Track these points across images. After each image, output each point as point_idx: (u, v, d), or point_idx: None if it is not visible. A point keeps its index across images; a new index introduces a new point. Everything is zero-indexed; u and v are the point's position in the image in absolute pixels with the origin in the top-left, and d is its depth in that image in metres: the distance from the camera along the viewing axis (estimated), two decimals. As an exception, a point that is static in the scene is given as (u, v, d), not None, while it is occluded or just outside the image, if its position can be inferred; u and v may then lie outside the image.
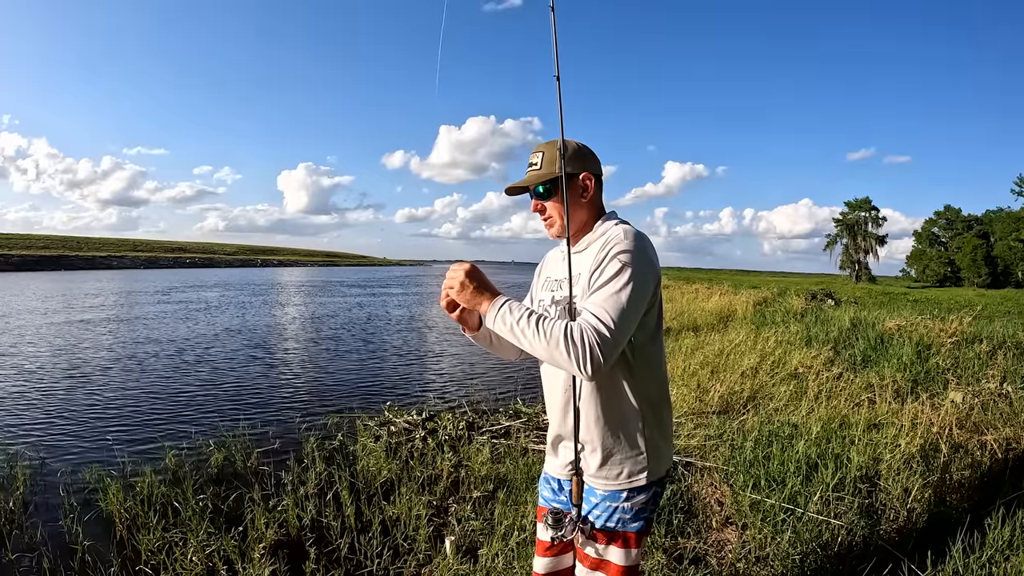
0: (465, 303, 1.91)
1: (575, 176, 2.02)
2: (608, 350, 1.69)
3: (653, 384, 2.00)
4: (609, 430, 1.98)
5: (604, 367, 1.69)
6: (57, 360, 11.32)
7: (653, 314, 1.97)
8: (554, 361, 1.73)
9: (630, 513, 1.99)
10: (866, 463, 4.32)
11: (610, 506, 2.00)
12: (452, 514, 4.25)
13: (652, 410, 2.00)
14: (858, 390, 6.54)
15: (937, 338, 9.26)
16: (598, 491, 2.03)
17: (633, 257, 1.82)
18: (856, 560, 3.24)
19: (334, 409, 7.78)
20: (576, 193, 2.02)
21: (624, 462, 1.99)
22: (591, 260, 1.87)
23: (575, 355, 1.67)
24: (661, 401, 2.04)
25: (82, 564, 3.81)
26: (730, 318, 15.24)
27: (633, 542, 2.01)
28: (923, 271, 76.60)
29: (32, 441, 6.36)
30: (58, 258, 71.41)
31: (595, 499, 2.03)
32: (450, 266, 1.96)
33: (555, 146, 1.99)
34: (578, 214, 2.03)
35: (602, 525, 2.01)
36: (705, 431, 5.47)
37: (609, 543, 2.01)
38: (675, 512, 3.99)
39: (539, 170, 2.02)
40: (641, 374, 1.96)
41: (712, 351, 8.75)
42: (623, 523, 1.99)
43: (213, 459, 5.56)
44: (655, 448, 2.01)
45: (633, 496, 1.99)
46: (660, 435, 2.03)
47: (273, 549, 3.74)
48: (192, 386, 9.34)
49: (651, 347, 1.98)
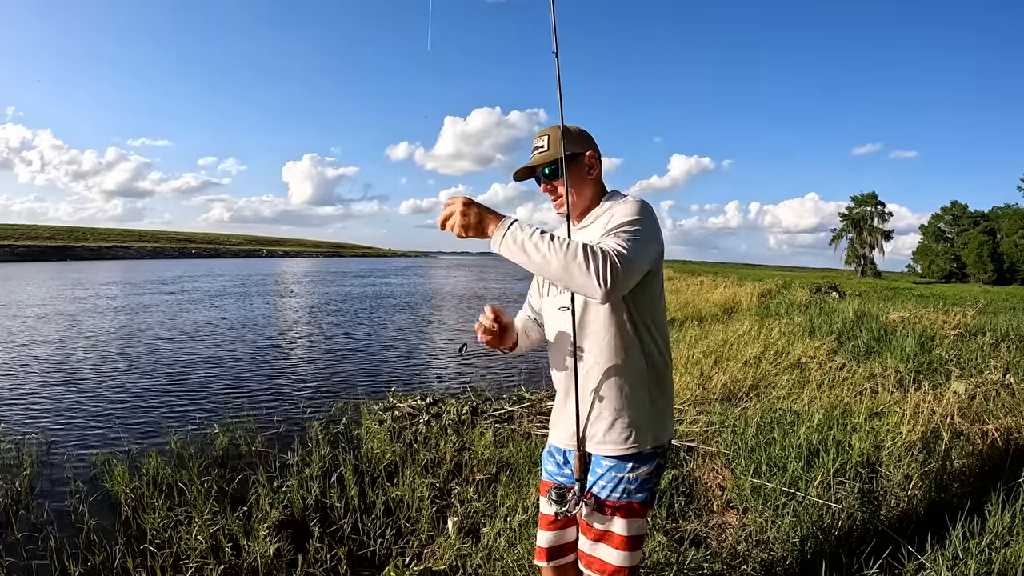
0: (470, 229, 1.79)
1: (581, 155, 2.06)
2: (626, 268, 1.69)
3: (657, 350, 2.04)
4: (616, 393, 2.01)
5: (620, 285, 1.68)
6: (64, 347, 11.38)
7: (657, 281, 2.02)
8: (569, 275, 1.67)
9: (635, 484, 2.02)
10: (867, 450, 4.33)
11: (615, 476, 2.03)
12: (455, 496, 4.28)
13: (656, 376, 2.03)
14: (861, 380, 6.55)
15: (941, 330, 9.26)
16: (604, 460, 2.06)
17: (642, 209, 1.89)
18: (856, 543, 3.25)
19: (338, 395, 7.85)
20: (583, 171, 2.07)
21: (630, 426, 2.01)
22: (600, 227, 1.91)
23: (594, 266, 1.65)
24: (664, 368, 2.07)
25: (88, 542, 3.83)
26: (734, 309, 15.24)
27: (638, 512, 2.04)
28: (929, 267, 76.27)
29: (39, 426, 6.39)
30: (64, 249, 71.56)
31: (600, 470, 2.06)
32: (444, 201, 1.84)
33: (559, 129, 2.04)
34: (585, 191, 2.08)
35: (607, 496, 2.03)
36: (707, 417, 5.49)
37: (614, 514, 2.03)
38: (676, 496, 4.01)
39: (546, 151, 2.05)
40: (646, 337, 2.00)
41: (716, 341, 8.76)
42: (628, 494, 2.02)
43: (218, 442, 5.60)
44: (660, 413, 2.05)
45: (638, 466, 2.02)
46: (664, 402, 2.06)
47: (277, 528, 3.77)
48: (197, 372, 9.39)
49: (655, 310, 2.03)
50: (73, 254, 69.75)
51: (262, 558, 3.43)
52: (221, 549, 3.56)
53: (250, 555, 3.48)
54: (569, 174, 2.03)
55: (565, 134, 2.03)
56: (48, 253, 67.14)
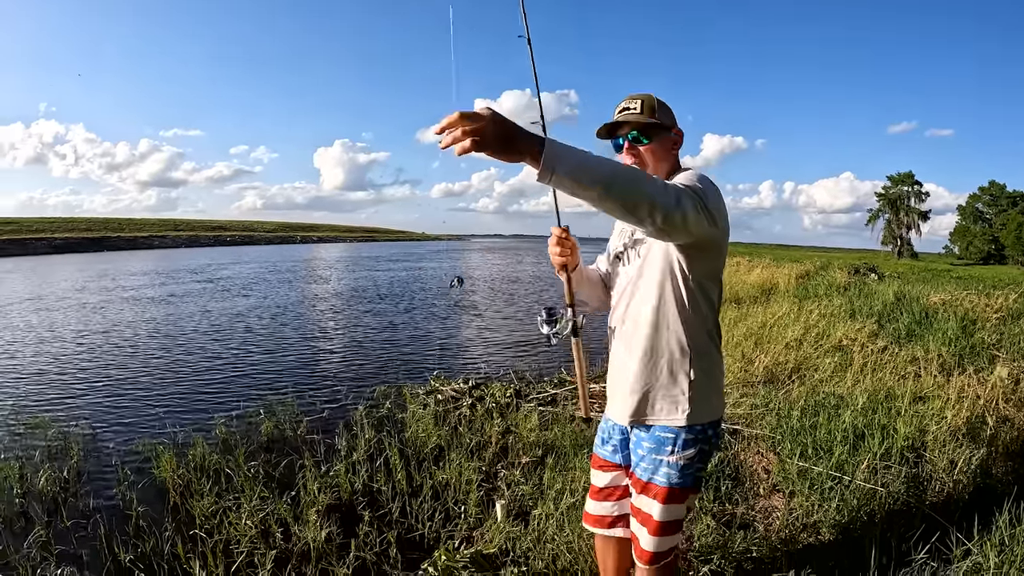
0: (499, 147, 1.42)
1: (670, 128, 2.08)
2: (695, 199, 1.68)
3: (704, 329, 2.04)
4: (657, 366, 2.03)
5: (687, 216, 1.64)
6: (107, 336, 11.54)
7: (718, 257, 2.02)
8: (635, 192, 1.54)
9: (675, 468, 2.03)
10: (912, 434, 4.29)
11: (656, 459, 2.05)
12: (501, 479, 4.32)
13: (699, 355, 2.03)
14: (903, 363, 6.48)
15: (983, 313, 9.13)
16: (644, 443, 2.09)
17: (704, 177, 1.86)
18: (904, 528, 3.24)
19: (380, 379, 7.90)
20: (668, 144, 2.08)
21: (665, 398, 2.04)
22: None
23: (660, 187, 1.60)
24: (711, 348, 2.07)
25: (137, 529, 3.88)
26: (772, 291, 15.13)
27: (677, 498, 2.06)
28: (967, 248, 74.69)
29: (84, 414, 6.48)
30: (100, 239, 72.42)
31: (642, 451, 2.09)
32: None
33: (653, 100, 2.05)
34: (664, 165, 2.07)
35: (648, 479, 2.07)
36: (751, 400, 5.47)
37: (653, 498, 2.06)
38: (723, 479, 4.02)
39: (639, 115, 2.03)
40: (696, 313, 2.00)
41: (755, 323, 8.69)
42: (668, 478, 2.04)
43: (263, 428, 5.68)
44: (701, 393, 2.04)
45: (679, 450, 2.03)
46: (708, 382, 2.06)
47: (326, 512, 3.82)
48: (239, 359, 9.50)
49: (710, 285, 2.03)
50: (109, 245, 70.54)
51: (313, 543, 3.47)
52: (271, 534, 3.61)
53: (300, 540, 3.53)
54: (657, 144, 2.04)
55: (659, 105, 2.05)
56: (84, 244, 67.88)
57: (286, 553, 3.48)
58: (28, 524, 4.02)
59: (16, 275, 29.56)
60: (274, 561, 3.33)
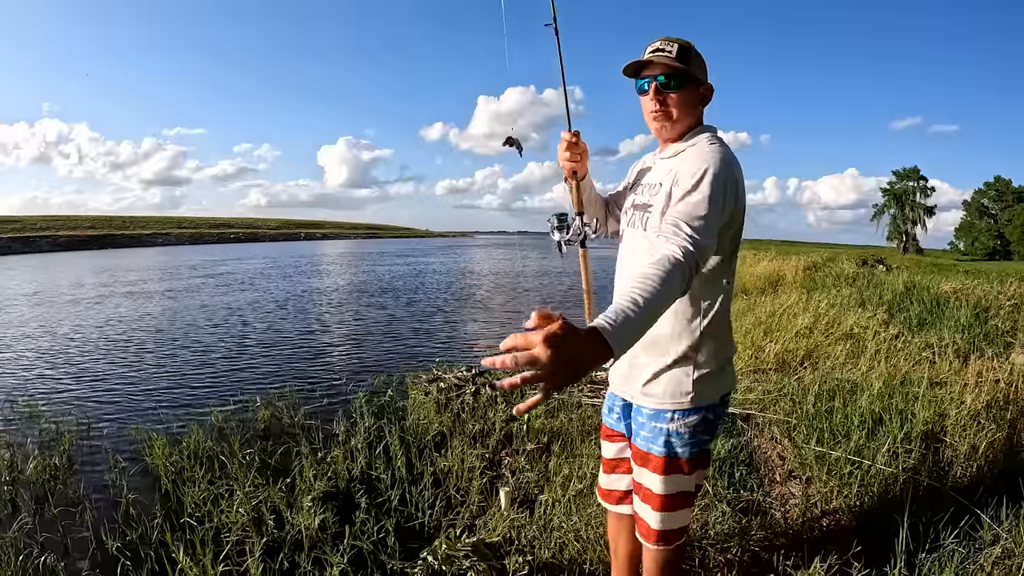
0: (574, 379, 1.16)
1: (703, 82, 1.93)
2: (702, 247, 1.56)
3: (714, 300, 1.90)
4: (662, 344, 1.89)
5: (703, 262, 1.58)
6: (106, 328, 11.53)
7: (731, 235, 1.87)
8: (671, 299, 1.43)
9: (678, 436, 1.90)
10: (932, 418, 4.17)
11: (655, 427, 1.92)
12: (506, 466, 4.18)
13: (707, 332, 1.89)
14: (917, 350, 6.35)
15: (996, 300, 9.02)
16: (644, 410, 1.96)
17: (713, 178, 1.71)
18: (929, 513, 3.11)
19: (381, 368, 7.82)
20: (696, 98, 1.93)
21: (670, 380, 1.90)
22: (684, 171, 1.78)
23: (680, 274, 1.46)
24: (719, 322, 1.93)
25: (126, 516, 3.82)
26: (779, 283, 14.95)
27: (680, 468, 1.93)
28: (972, 244, 74.67)
29: (79, 404, 6.43)
30: (105, 237, 72.65)
31: (642, 419, 1.97)
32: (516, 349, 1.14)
33: (691, 46, 1.89)
34: (689, 120, 1.93)
35: (648, 449, 1.94)
36: (763, 386, 5.33)
37: (654, 470, 1.93)
38: (737, 465, 3.89)
39: (672, 58, 1.85)
40: (705, 284, 1.87)
41: (764, 312, 8.55)
42: (670, 447, 1.91)
43: (260, 415, 5.59)
44: (707, 372, 1.90)
45: (682, 417, 1.90)
46: (715, 360, 1.92)
47: (322, 500, 3.68)
48: (239, 349, 9.46)
49: (721, 267, 1.90)
50: (113, 242, 70.74)
51: (306, 530, 3.34)
52: (263, 522, 3.49)
53: (294, 527, 3.40)
54: (686, 94, 1.89)
55: (696, 57, 1.90)
56: (88, 242, 68.09)
57: (278, 541, 3.34)
58: (15, 512, 3.93)
59: (15, 271, 29.72)
60: (265, 549, 3.20)
